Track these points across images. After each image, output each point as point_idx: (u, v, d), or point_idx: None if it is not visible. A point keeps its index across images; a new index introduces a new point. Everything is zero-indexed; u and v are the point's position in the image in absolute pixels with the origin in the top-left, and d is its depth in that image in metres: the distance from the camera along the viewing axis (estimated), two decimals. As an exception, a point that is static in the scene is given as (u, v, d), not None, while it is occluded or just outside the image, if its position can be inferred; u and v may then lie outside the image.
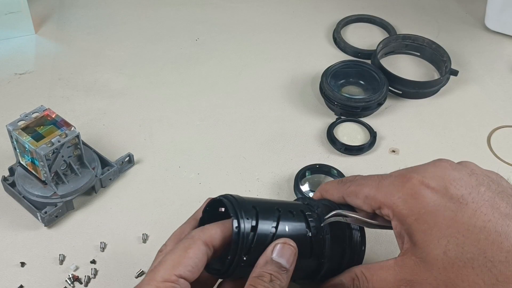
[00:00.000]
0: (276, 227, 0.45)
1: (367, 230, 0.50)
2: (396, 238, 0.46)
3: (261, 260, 0.44)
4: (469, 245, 0.40)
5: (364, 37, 0.86)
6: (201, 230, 0.45)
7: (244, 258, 0.44)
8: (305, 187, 0.64)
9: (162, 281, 0.42)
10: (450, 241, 0.40)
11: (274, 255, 0.44)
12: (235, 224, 0.43)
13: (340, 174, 0.65)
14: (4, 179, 0.62)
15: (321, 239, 0.47)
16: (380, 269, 0.46)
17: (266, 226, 0.45)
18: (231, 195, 0.46)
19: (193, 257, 0.43)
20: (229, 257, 0.43)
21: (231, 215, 0.44)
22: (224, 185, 0.65)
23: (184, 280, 0.43)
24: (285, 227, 0.45)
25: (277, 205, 0.47)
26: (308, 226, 0.47)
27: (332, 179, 0.65)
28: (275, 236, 0.45)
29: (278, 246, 0.44)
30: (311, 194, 0.63)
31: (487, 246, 0.39)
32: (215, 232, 0.44)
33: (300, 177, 0.64)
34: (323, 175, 0.66)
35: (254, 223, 0.44)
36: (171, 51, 0.83)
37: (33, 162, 0.59)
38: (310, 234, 0.47)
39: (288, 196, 0.64)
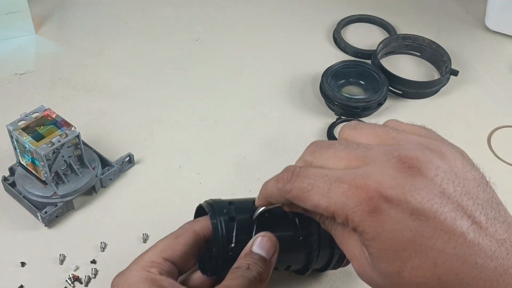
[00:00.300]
0: (253, 215, 0.47)
1: None
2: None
3: (242, 253, 0.46)
4: (423, 270, 0.36)
5: (364, 37, 0.86)
6: (193, 221, 0.47)
7: (230, 253, 0.46)
8: None
9: (149, 261, 0.44)
10: (405, 264, 0.36)
11: (254, 247, 0.45)
12: (212, 218, 0.46)
13: None
14: (5, 179, 0.62)
15: (306, 218, 0.48)
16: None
17: (244, 215, 0.47)
18: (212, 199, 0.48)
19: (183, 243, 0.45)
20: (214, 249, 0.46)
21: (207, 211, 0.47)
22: (224, 185, 0.65)
23: (172, 264, 0.44)
24: (265, 213, 0.47)
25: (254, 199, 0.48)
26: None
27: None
28: (254, 225, 0.47)
29: (258, 239, 0.46)
30: None
31: (442, 272, 0.36)
32: (206, 223, 0.47)
33: None
34: None
35: (232, 214, 0.47)
36: (171, 51, 0.83)
37: (33, 162, 0.59)
38: (291, 216, 0.48)
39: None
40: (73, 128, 0.59)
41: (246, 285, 0.44)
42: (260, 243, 0.46)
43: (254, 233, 0.47)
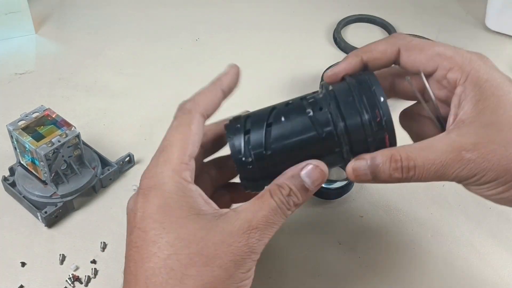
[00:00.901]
0: (270, 114, 0.47)
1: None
2: (450, 106, 0.45)
3: (289, 171, 0.44)
4: None
5: (365, 37, 0.86)
6: (196, 103, 0.48)
7: (249, 167, 0.45)
8: None
9: (179, 163, 0.44)
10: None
11: (303, 173, 0.44)
12: (228, 139, 0.46)
13: None
14: (5, 179, 0.62)
15: (326, 112, 0.44)
16: (430, 144, 0.44)
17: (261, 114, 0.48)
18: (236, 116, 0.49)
19: (197, 132, 0.46)
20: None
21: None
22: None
23: (193, 159, 0.45)
24: (281, 116, 0.46)
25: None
26: (307, 104, 0.45)
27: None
28: (270, 117, 0.47)
29: (310, 166, 0.44)
30: None
31: None
32: (209, 100, 0.49)
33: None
34: None
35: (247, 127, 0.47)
36: (172, 51, 0.83)
37: (33, 162, 0.59)
38: (311, 113, 0.45)
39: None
40: (73, 128, 0.59)
41: (275, 216, 0.43)
42: (308, 171, 0.44)
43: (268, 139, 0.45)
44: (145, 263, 0.42)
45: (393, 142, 0.44)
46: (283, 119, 0.45)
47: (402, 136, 0.49)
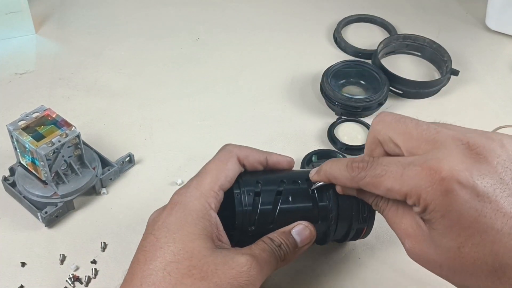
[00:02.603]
0: (278, 198, 0.50)
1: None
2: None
3: (281, 230, 0.49)
4: (482, 246, 0.40)
5: (365, 37, 0.86)
6: (233, 146, 0.52)
7: (250, 229, 0.49)
8: None
9: (209, 189, 0.48)
10: (467, 240, 0.40)
11: (293, 231, 0.49)
12: (237, 207, 0.49)
13: None
14: (5, 179, 0.62)
15: (326, 205, 0.51)
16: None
17: (268, 196, 0.50)
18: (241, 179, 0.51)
19: (231, 170, 0.50)
20: (236, 223, 0.49)
21: (234, 190, 0.50)
22: (225, 185, 0.65)
23: (222, 192, 0.49)
24: (289, 197, 0.50)
25: (282, 177, 0.52)
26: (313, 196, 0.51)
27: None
28: (278, 206, 0.50)
29: (300, 226, 0.50)
30: None
31: (498, 249, 0.39)
32: (246, 151, 0.52)
33: (306, 162, 0.65)
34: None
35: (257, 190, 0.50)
36: (172, 50, 0.83)
37: (33, 162, 0.59)
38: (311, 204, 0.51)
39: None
40: (73, 128, 0.59)
41: (271, 262, 0.47)
42: (299, 230, 0.49)
43: (277, 209, 0.50)
44: (146, 265, 0.44)
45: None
46: (290, 199, 0.50)
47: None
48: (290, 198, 0.50)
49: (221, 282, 0.44)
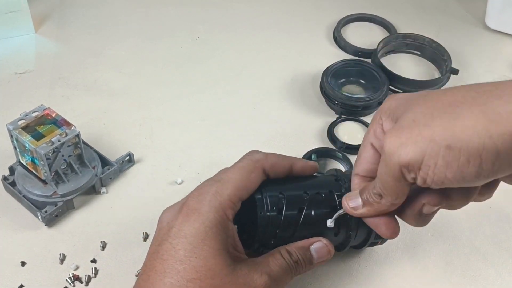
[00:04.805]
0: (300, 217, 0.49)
1: None
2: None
3: (300, 243, 0.49)
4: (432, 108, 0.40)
5: (365, 36, 0.86)
6: (266, 157, 0.50)
7: (272, 241, 0.49)
8: None
9: (228, 201, 0.46)
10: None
11: (312, 247, 0.49)
12: (260, 221, 0.48)
13: (345, 158, 0.67)
14: (4, 178, 0.62)
15: (348, 219, 0.50)
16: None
17: (291, 212, 0.49)
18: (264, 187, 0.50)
19: (254, 182, 0.48)
20: (256, 237, 0.48)
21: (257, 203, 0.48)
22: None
23: (240, 203, 0.48)
24: (311, 211, 0.49)
25: (305, 188, 0.50)
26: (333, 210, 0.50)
27: (338, 162, 0.68)
28: (301, 217, 0.49)
29: (319, 243, 0.49)
30: None
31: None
32: (275, 159, 0.50)
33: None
34: (329, 159, 0.67)
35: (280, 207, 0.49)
36: (171, 50, 0.83)
37: (33, 161, 0.59)
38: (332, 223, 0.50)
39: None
40: (73, 127, 0.59)
41: (286, 277, 0.47)
42: (318, 248, 0.49)
43: (300, 219, 0.49)
44: (166, 277, 0.43)
45: None
46: (313, 212, 0.50)
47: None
48: (312, 211, 0.49)
49: None
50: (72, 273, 0.56)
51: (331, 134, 0.70)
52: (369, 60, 0.79)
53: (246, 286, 0.44)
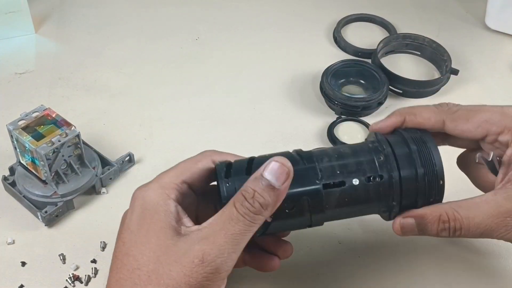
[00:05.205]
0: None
1: None
2: (501, 167, 0.47)
3: (252, 176, 0.43)
4: None
5: (365, 36, 0.86)
6: (214, 151, 0.49)
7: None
8: None
9: (168, 182, 0.46)
10: None
11: (265, 172, 0.43)
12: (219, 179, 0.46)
13: None
14: (5, 178, 0.62)
15: (392, 183, 0.46)
16: (476, 205, 0.45)
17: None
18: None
19: (201, 168, 0.47)
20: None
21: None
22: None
23: (187, 186, 0.47)
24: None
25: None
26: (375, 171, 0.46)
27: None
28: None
29: (271, 164, 0.43)
30: None
31: None
32: (226, 156, 0.48)
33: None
34: None
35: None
36: (171, 50, 0.83)
37: (33, 162, 0.59)
38: (378, 179, 0.46)
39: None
40: (73, 128, 0.59)
41: (244, 226, 0.42)
42: (272, 169, 0.43)
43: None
44: (117, 274, 0.43)
45: (440, 198, 0.47)
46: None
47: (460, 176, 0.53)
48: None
49: (177, 284, 0.41)
50: (72, 273, 0.56)
51: (331, 134, 0.70)
52: (369, 60, 0.79)
53: (185, 255, 0.41)
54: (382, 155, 0.47)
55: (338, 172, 0.46)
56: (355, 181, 0.46)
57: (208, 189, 0.50)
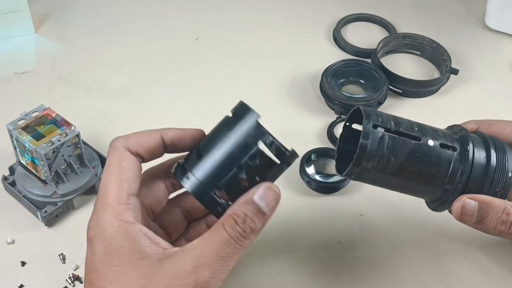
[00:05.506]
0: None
1: None
2: None
3: (241, 199, 0.42)
4: None
5: (364, 36, 0.86)
6: (125, 139, 0.45)
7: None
8: (310, 169, 0.65)
9: (116, 205, 0.42)
10: None
11: (255, 197, 0.42)
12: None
13: None
14: (5, 178, 0.62)
15: (464, 156, 0.45)
16: None
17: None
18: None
19: (130, 169, 0.43)
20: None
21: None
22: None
23: (133, 196, 0.43)
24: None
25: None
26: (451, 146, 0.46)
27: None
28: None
29: (262, 188, 0.42)
30: (317, 177, 0.65)
31: None
32: (142, 139, 0.45)
33: (306, 160, 0.65)
34: (329, 159, 0.67)
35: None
36: (171, 50, 0.83)
37: (33, 162, 0.59)
38: (451, 150, 0.46)
39: (291, 199, 0.64)
40: (73, 127, 0.59)
41: (234, 249, 0.41)
42: (262, 194, 0.42)
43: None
44: None
45: (506, 193, 0.46)
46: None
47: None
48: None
49: None
50: (72, 273, 0.56)
51: (331, 134, 0.70)
52: (369, 60, 0.79)
53: (176, 279, 0.39)
54: (458, 135, 0.47)
55: (416, 129, 0.46)
56: (431, 142, 0.45)
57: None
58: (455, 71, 0.78)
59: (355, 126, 0.49)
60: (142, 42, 0.84)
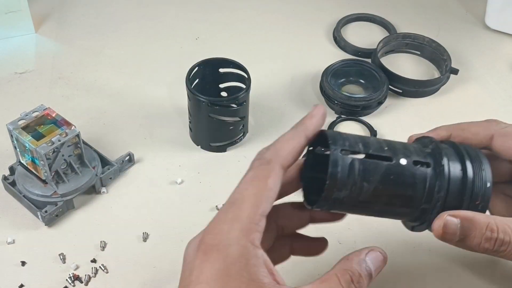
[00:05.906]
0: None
1: None
2: None
3: (356, 257, 0.41)
4: None
5: (364, 36, 0.86)
6: (277, 152, 0.42)
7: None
8: None
9: (248, 223, 0.38)
10: None
11: (368, 259, 0.41)
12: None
13: None
14: (5, 178, 0.62)
15: (440, 172, 0.43)
16: None
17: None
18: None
19: (273, 188, 0.40)
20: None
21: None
22: (225, 184, 0.65)
23: (264, 218, 0.40)
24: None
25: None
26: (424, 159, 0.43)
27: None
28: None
29: (373, 252, 0.41)
30: None
31: None
32: (292, 149, 0.42)
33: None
34: None
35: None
36: (171, 49, 0.83)
37: (33, 161, 0.59)
38: (425, 166, 0.43)
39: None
40: (73, 127, 0.59)
41: None
42: (373, 257, 0.41)
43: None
44: None
45: (486, 205, 0.44)
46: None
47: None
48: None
49: None
50: (72, 273, 0.56)
51: (331, 134, 0.70)
52: (369, 60, 0.79)
53: None
54: (429, 148, 0.44)
55: (386, 148, 0.43)
56: (403, 161, 0.42)
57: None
58: (455, 71, 0.78)
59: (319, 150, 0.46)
60: (142, 42, 0.84)
